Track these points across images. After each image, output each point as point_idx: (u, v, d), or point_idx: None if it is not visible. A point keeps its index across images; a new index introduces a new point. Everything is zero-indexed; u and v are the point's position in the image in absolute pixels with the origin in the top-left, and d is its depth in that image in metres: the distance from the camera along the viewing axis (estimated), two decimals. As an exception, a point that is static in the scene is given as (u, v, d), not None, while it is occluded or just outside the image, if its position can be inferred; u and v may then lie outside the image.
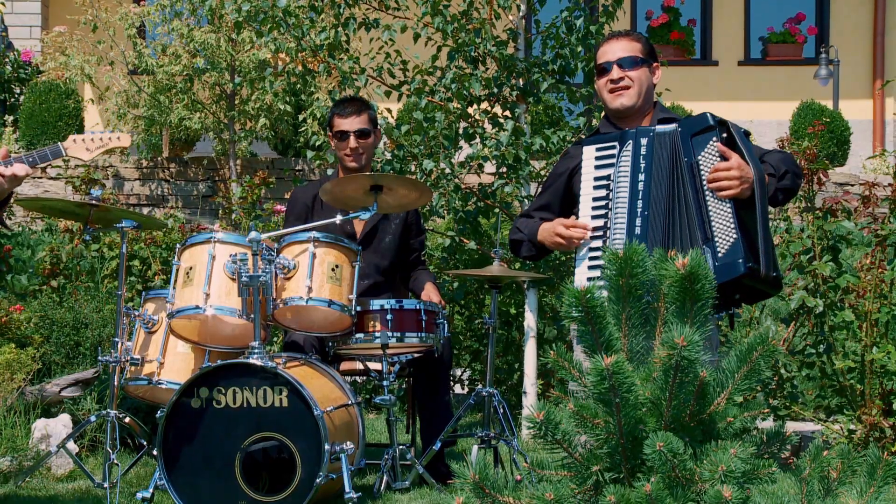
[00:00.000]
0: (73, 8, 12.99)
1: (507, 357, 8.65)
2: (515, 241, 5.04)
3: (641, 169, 4.55)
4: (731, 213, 4.43)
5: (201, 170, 13.35)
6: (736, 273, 4.33)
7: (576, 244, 4.63)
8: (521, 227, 5.00)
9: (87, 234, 6.05)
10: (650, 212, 4.50)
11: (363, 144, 6.29)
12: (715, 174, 4.46)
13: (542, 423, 2.99)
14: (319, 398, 5.16)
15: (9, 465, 6.20)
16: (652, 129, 4.61)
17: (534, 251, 4.98)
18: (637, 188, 4.54)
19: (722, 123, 4.58)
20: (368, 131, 6.31)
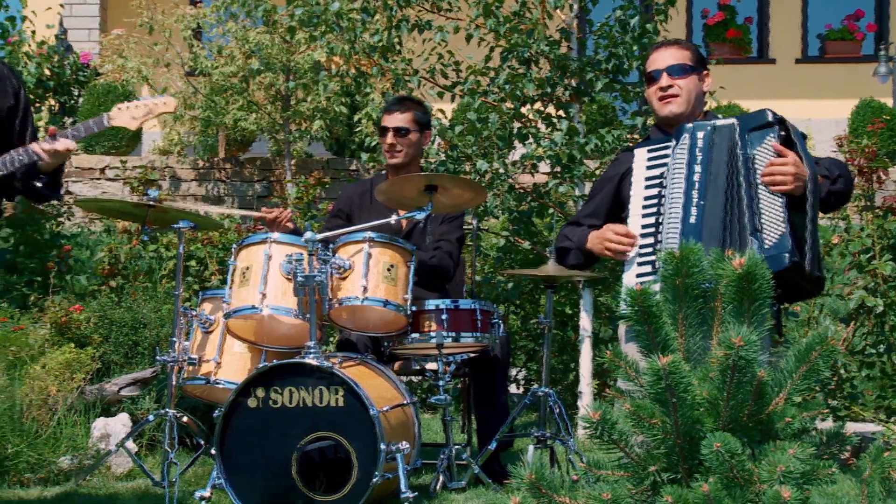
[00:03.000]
0: (131, 10, 13.10)
1: (562, 357, 8.63)
2: (563, 250, 5.04)
3: (697, 161, 4.54)
4: (781, 207, 4.43)
5: (257, 170, 13.42)
6: (780, 265, 4.31)
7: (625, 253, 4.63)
8: (569, 235, 5.01)
9: (145, 234, 6.11)
10: (707, 202, 4.49)
11: (401, 142, 6.29)
12: (771, 168, 4.46)
13: (598, 423, 2.98)
14: (375, 398, 5.17)
15: (69, 464, 6.26)
16: (710, 123, 4.60)
17: (582, 259, 4.98)
18: (693, 179, 4.53)
19: (781, 121, 4.56)
20: (407, 129, 6.30)
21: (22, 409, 6.41)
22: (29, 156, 4.56)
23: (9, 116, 4.68)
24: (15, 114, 4.71)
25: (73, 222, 11.60)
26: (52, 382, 6.61)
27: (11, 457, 6.13)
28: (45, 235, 9.71)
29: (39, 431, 6.37)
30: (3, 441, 6.14)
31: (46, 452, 6.26)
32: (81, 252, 9.97)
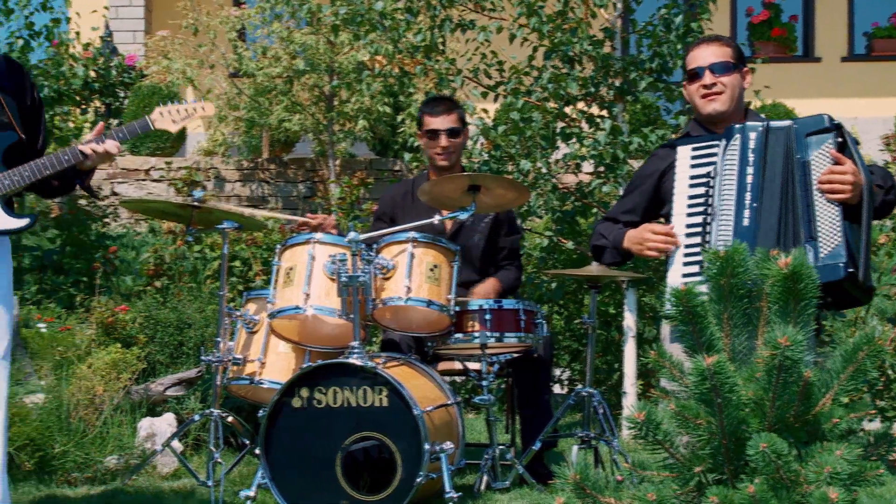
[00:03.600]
0: (176, 12, 13.16)
1: (606, 357, 8.61)
2: (598, 248, 5.00)
3: (750, 162, 4.49)
4: (838, 216, 4.37)
5: (301, 171, 13.45)
6: (836, 276, 4.26)
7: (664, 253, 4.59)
8: (605, 233, 4.96)
9: (190, 235, 6.13)
10: (761, 205, 4.44)
11: (454, 143, 6.29)
12: (829, 176, 4.39)
13: (643, 424, 2.97)
14: (419, 398, 5.17)
15: (116, 464, 6.30)
16: (763, 124, 4.56)
17: (618, 258, 4.94)
18: (745, 181, 4.48)
19: (838, 127, 4.50)
20: (459, 130, 6.31)
21: (69, 408, 6.46)
22: (75, 156, 4.61)
23: (31, 114, 4.73)
24: (35, 111, 4.76)
25: (119, 223, 11.69)
26: (98, 382, 6.66)
27: (59, 456, 6.18)
28: (91, 236, 9.78)
29: (86, 431, 6.41)
30: (51, 440, 6.19)
31: (93, 452, 6.30)
32: (127, 253, 10.04)
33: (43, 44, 10.31)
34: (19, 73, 4.78)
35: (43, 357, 7.11)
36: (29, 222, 4.63)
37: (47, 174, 4.60)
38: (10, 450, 5.86)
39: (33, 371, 7.03)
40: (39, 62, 10.64)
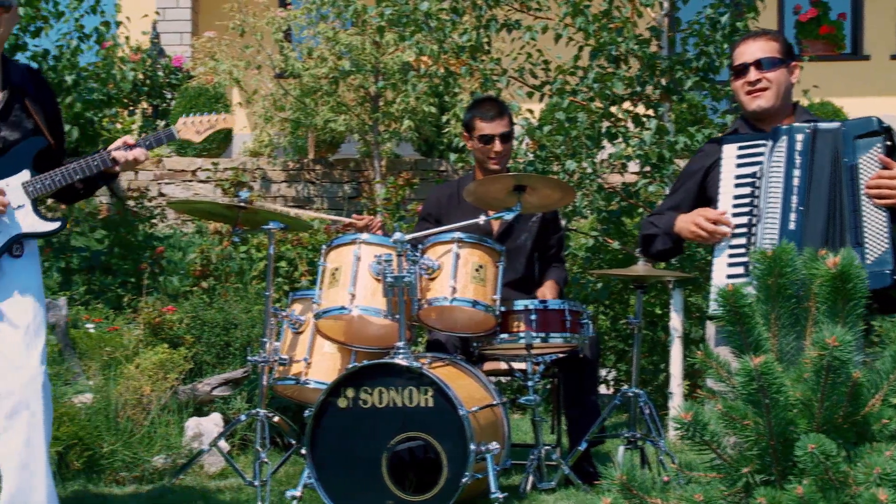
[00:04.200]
0: (222, 14, 13.22)
1: (652, 357, 8.58)
2: (648, 237, 4.92)
3: (797, 165, 4.44)
4: (885, 222, 4.31)
5: (346, 171, 13.49)
6: (882, 283, 4.20)
7: (717, 238, 4.53)
8: (655, 222, 4.91)
9: (236, 235, 6.16)
10: (807, 208, 4.39)
11: (507, 148, 6.29)
12: (878, 181, 4.33)
13: (689, 424, 2.96)
14: (464, 398, 5.17)
15: (163, 463, 6.34)
16: (810, 126, 4.50)
17: (669, 244, 4.86)
18: (791, 184, 4.42)
19: (887, 130, 4.43)
20: (511, 134, 6.30)
21: (117, 408, 6.50)
22: (104, 162, 4.70)
23: (54, 121, 4.81)
24: (57, 119, 4.86)
25: (166, 224, 11.76)
26: (145, 382, 6.70)
27: (107, 455, 6.22)
28: (138, 237, 9.85)
29: (134, 431, 6.46)
30: (99, 440, 6.24)
31: (141, 451, 6.34)
32: (174, 253, 10.10)
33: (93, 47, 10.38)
34: (43, 83, 4.90)
35: (91, 357, 7.16)
36: (60, 226, 4.71)
37: (77, 178, 4.68)
38: (59, 449, 5.92)
39: (82, 371, 7.09)
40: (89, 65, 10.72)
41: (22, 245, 4.70)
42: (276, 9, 13.53)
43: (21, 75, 4.79)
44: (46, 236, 4.75)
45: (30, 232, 4.65)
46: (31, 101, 4.74)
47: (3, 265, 4.67)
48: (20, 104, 4.72)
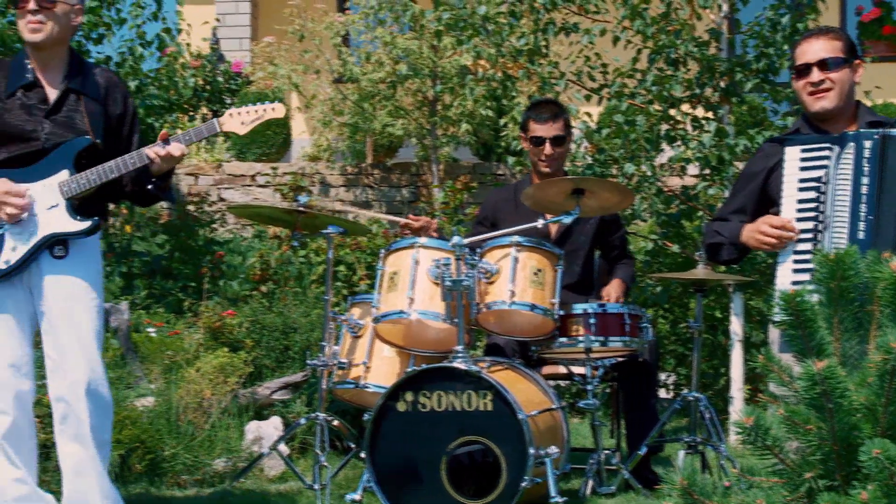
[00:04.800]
0: (282, 19, 13.28)
1: (712, 361, 8.53)
2: (714, 245, 4.86)
3: (865, 172, 4.35)
4: None
5: (404, 175, 13.50)
6: None
7: (784, 245, 4.47)
8: (720, 230, 4.83)
9: (295, 240, 6.19)
10: (877, 218, 4.31)
11: (557, 152, 6.25)
12: None
13: (751, 429, 2.93)
14: (523, 402, 5.16)
15: (224, 466, 6.37)
16: (878, 132, 4.40)
17: (735, 254, 4.81)
18: (860, 192, 4.33)
19: None
20: (563, 138, 6.27)
21: (178, 412, 6.55)
22: (141, 159, 4.69)
23: (118, 123, 4.83)
24: (123, 120, 4.86)
25: (226, 228, 11.82)
26: (206, 386, 6.74)
27: (168, 459, 6.26)
28: (198, 241, 9.92)
29: (195, 434, 6.50)
30: (161, 443, 6.28)
31: (202, 455, 6.38)
32: (234, 258, 10.16)
33: (154, 53, 10.47)
34: (111, 83, 4.89)
35: (152, 361, 7.21)
36: (90, 225, 4.67)
37: (113, 177, 4.67)
38: (121, 452, 5.96)
39: (143, 375, 7.15)
40: (150, 71, 10.81)
41: (66, 246, 4.70)
42: (335, 13, 13.57)
43: (85, 75, 4.82)
44: (76, 236, 4.65)
45: (60, 232, 4.64)
46: (89, 101, 4.76)
47: (43, 267, 4.67)
48: (75, 104, 4.75)
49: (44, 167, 4.67)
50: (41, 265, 4.66)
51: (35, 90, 4.72)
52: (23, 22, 4.68)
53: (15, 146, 4.68)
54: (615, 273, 6.37)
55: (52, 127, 4.69)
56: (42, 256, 4.65)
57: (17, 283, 4.67)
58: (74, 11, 4.75)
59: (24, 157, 4.68)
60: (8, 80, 4.73)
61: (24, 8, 4.66)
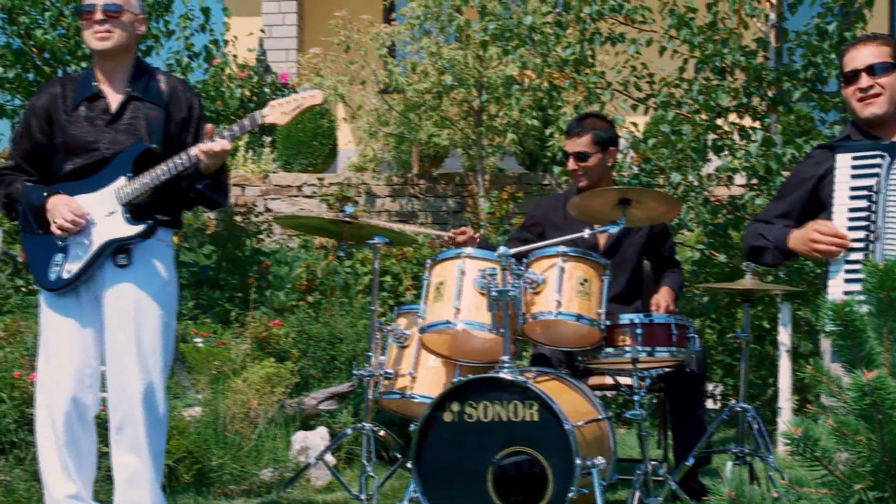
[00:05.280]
0: (327, 30, 13.35)
1: (760, 372, 8.48)
2: (757, 248, 4.80)
3: None
4: None
5: (450, 186, 13.53)
6: None
7: (835, 254, 4.42)
8: (765, 233, 4.78)
9: (341, 250, 6.20)
10: None
11: (582, 167, 6.24)
12: None
13: (799, 440, 2.91)
14: (570, 412, 5.15)
15: (271, 476, 6.40)
16: None
17: (780, 259, 4.77)
18: None
19: None
20: (586, 154, 6.22)
21: (225, 422, 6.58)
22: (189, 158, 4.72)
23: (182, 127, 4.87)
24: (187, 125, 4.91)
25: (272, 239, 11.88)
26: (253, 396, 6.77)
27: (216, 469, 6.30)
28: (245, 252, 9.97)
29: (242, 444, 6.53)
30: (208, 453, 6.31)
31: (249, 465, 6.41)
32: (280, 268, 10.21)
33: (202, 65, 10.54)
34: (175, 89, 4.93)
35: (200, 371, 7.26)
36: (144, 228, 4.71)
37: (165, 179, 4.71)
38: (169, 462, 5.99)
39: (191, 385, 7.19)
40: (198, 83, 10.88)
41: (129, 255, 4.75)
42: (381, 24, 13.63)
43: (148, 81, 4.88)
44: (131, 241, 4.70)
45: (116, 238, 4.69)
46: (150, 107, 4.82)
47: (107, 276, 4.72)
48: (136, 110, 4.81)
49: (105, 176, 4.74)
50: (105, 274, 4.72)
51: (98, 101, 4.80)
52: (89, 32, 4.77)
53: (80, 158, 4.77)
54: (663, 281, 6.35)
55: (114, 135, 4.76)
56: (106, 265, 4.71)
57: (83, 293, 4.74)
58: (138, 20, 4.84)
59: (89, 167, 4.76)
60: (75, 95, 4.81)
61: (91, 18, 4.75)
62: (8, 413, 6.03)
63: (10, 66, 9.85)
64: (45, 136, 4.81)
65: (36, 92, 4.96)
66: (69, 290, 4.71)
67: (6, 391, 6.08)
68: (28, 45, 9.84)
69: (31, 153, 4.85)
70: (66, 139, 4.77)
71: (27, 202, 4.74)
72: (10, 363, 6.31)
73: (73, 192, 4.73)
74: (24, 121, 4.90)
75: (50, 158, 4.83)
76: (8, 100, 10.21)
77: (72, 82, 4.90)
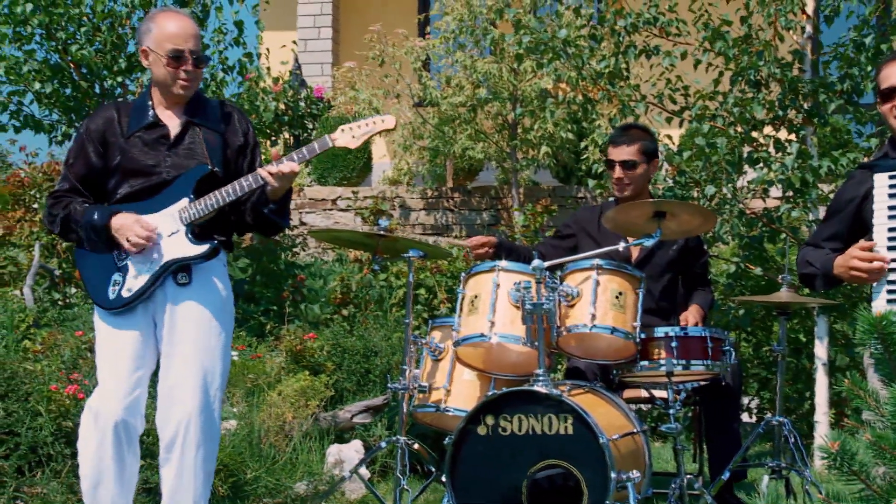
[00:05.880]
0: (362, 44, 13.39)
1: (796, 385, 8.43)
2: (808, 276, 4.78)
3: None
4: None
5: (485, 199, 13.53)
6: None
7: (877, 278, 4.38)
8: (812, 261, 4.76)
9: (376, 263, 6.21)
10: None
11: (629, 175, 6.21)
12: None
13: (837, 454, 2.90)
14: (605, 426, 5.13)
15: (305, 489, 6.40)
16: None
17: (829, 285, 4.75)
18: None
19: None
20: (635, 163, 6.21)
21: (260, 435, 6.59)
22: (256, 180, 4.76)
23: (238, 153, 4.92)
24: (244, 151, 4.97)
25: (307, 252, 11.91)
26: (288, 409, 6.78)
27: (251, 482, 6.30)
28: (280, 265, 9.99)
29: (276, 457, 6.54)
30: (243, 466, 6.32)
31: (283, 477, 6.42)
32: (315, 281, 10.22)
33: (236, 79, 10.60)
34: (230, 116, 5.01)
35: (235, 384, 7.28)
36: (208, 248, 4.76)
37: (230, 200, 4.75)
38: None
39: (226, 398, 7.21)
40: (233, 97, 10.94)
41: (189, 273, 4.79)
42: (415, 38, 13.66)
43: (204, 108, 4.93)
44: (195, 260, 4.76)
45: (180, 257, 4.74)
46: (208, 132, 4.86)
47: (168, 294, 4.77)
48: (195, 135, 4.86)
49: (166, 197, 4.78)
50: (166, 292, 4.76)
51: (156, 128, 4.84)
52: (173, 74, 4.81)
53: (136, 180, 4.81)
54: (693, 299, 6.32)
55: (174, 159, 4.81)
56: (167, 283, 4.75)
57: (140, 314, 4.77)
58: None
59: (148, 189, 4.80)
60: (130, 121, 4.85)
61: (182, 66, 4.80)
62: (45, 426, 6.06)
63: (47, 82, 9.93)
64: (100, 159, 4.85)
65: (90, 115, 4.99)
66: (126, 309, 4.74)
67: (43, 404, 6.11)
68: (65, 61, 9.92)
69: (85, 176, 4.88)
70: (123, 162, 4.81)
71: (88, 222, 4.75)
72: (47, 376, 6.33)
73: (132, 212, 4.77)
74: (78, 143, 4.92)
75: (104, 181, 4.87)
76: (46, 115, 10.30)
77: (126, 108, 4.95)
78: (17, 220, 10.20)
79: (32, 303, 8.61)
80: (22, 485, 5.94)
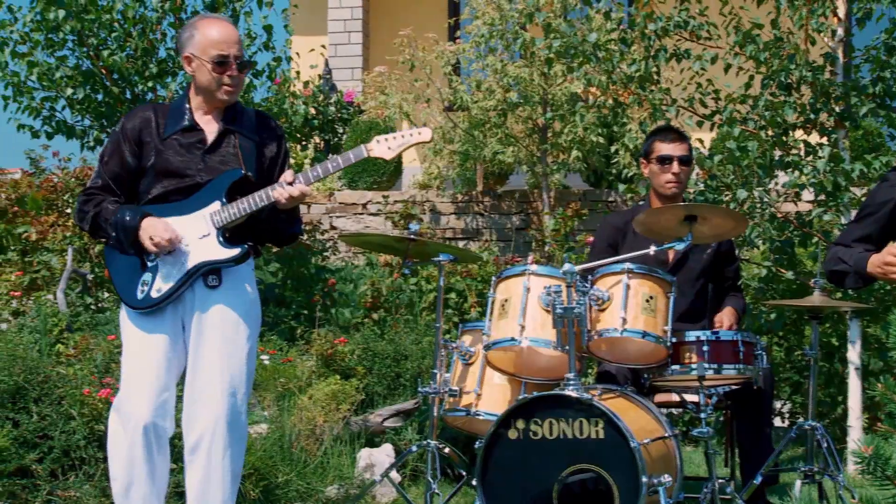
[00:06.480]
0: (392, 49, 13.40)
1: (829, 389, 8.38)
2: (838, 273, 4.77)
3: None
4: None
5: (514, 203, 13.51)
6: None
7: None
8: (844, 258, 4.74)
9: (406, 267, 6.21)
10: None
11: (685, 171, 6.22)
12: None
13: (870, 458, 2.88)
14: (636, 430, 5.12)
15: (336, 493, 6.41)
16: None
17: (860, 283, 4.73)
18: None
19: None
20: (690, 158, 6.24)
21: (291, 438, 6.61)
22: (269, 198, 4.77)
23: (272, 163, 4.94)
24: (276, 161, 4.98)
25: (338, 257, 11.93)
26: (318, 413, 6.79)
27: (282, 485, 6.32)
28: (311, 269, 10.00)
29: (307, 461, 6.55)
30: (274, 470, 6.34)
31: (314, 481, 6.43)
32: (345, 286, 10.23)
33: (265, 83, 10.62)
34: (266, 126, 5.03)
35: (266, 388, 7.29)
36: (239, 252, 4.78)
37: (263, 205, 4.77)
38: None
39: (257, 402, 7.22)
40: (262, 101, 10.97)
41: (219, 276, 4.80)
42: (445, 43, 13.67)
43: (240, 116, 4.96)
44: (226, 264, 4.78)
45: (210, 260, 4.76)
46: (244, 139, 4.89)
47: (197, 296, 4.78)
48: (230, 141, 4.88)
49: (198, 199, 4.80)
50: (196, 294, 4.78)
51: (192, 132, 4.86)
52: (218, 80, 4.84)
53: (170, 181, 4.82)
54: (727, 302, 6.31)
55: (209, 164, 4.83)
56: (196, 285, 4.77)
57: (169, 315, 4.79)
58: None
59: (181, 190, 4.82)
60: (166, 123, 4.87)
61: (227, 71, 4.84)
62: (78, 429, 6.09)
63: (79, 87, 9.99)
64: (135, 159, 4.86)
65: (126, 115, 5.01)
66: (155, 310, 4.76)
67: (76, 408, 6.14)
68: (97, 66, 9.97)
69: (119, 174, 4.89)
70: (157, 162, 4.83)
71: (119, 222, 4.77)
72: (80, 380, 6.37)
73: (163, 214, 4.78)
74: (113, 142, 4.93)
75: (137, 180, 4.89)
76: (78, 120, 10.35)
77: (163, 109, 4.97)
78: (50, 224, 10.25)
79: (65, 307, 8.65)
80: (55, 488, 5.98)
